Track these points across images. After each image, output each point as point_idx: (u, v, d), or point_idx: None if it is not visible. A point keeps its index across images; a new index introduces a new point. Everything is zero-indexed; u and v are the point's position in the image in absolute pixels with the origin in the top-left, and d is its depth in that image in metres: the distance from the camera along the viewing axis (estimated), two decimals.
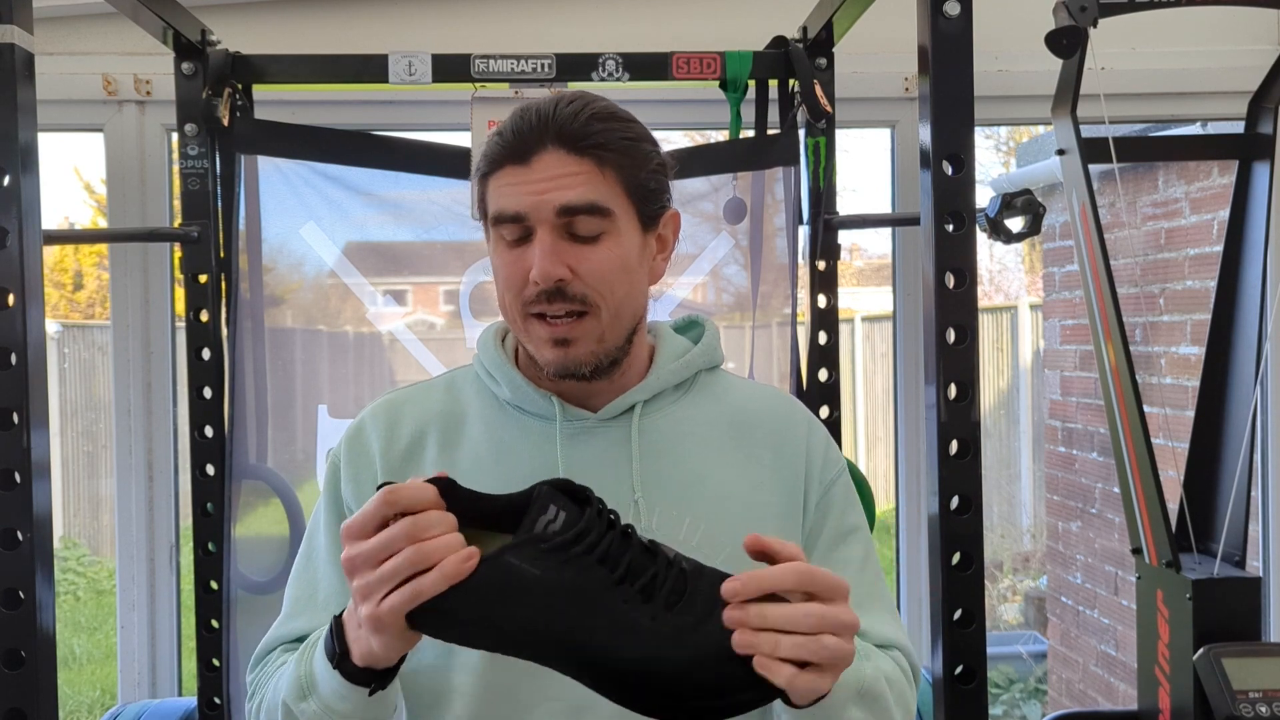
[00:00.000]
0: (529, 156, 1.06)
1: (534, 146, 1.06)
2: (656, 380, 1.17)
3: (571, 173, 1.06)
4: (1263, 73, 1.96)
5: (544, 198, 1.05)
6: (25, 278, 1.49)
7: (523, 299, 1.08)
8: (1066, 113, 1.84)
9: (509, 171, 1.07)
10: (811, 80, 2.04)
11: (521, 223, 1.07)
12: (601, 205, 1.06)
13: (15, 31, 1.47)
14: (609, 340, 1.10)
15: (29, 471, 1.48)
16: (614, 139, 1.07)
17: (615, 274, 1.08)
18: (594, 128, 1.06)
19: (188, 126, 2.06)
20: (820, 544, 1.20)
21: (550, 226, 1.06)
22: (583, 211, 1.06)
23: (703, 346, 1.23)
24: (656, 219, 1.14)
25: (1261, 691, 1.59)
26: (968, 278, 1.55)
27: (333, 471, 1.18)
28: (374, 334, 2.19)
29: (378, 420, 1.18)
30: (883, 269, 10.07)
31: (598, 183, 1.06)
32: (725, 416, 1.19)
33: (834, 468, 1.23)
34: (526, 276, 1.06)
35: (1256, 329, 1.86)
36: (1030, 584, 6.35)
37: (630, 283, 1.11)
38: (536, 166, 1.06)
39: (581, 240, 1.07)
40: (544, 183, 1.05)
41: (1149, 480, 1.73)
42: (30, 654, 1.47)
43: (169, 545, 2.33)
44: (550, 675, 0.93)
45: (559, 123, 1.06)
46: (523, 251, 1.07)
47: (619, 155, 1.08)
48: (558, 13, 2.35)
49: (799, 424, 1.22)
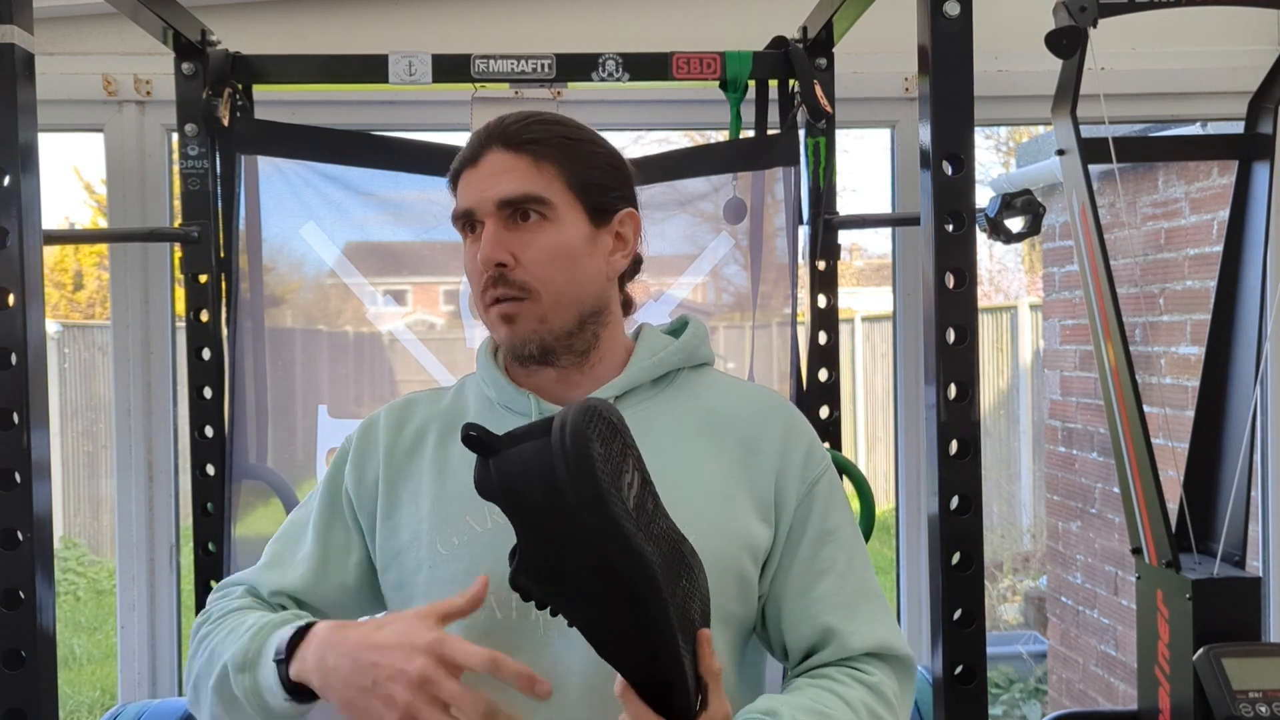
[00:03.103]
0: (478, 159, 1.20)
1: (481, 150, 1.20)
2: (629, 376, 1.23)
3: (509, 169, 1.18)
4: (1263, 73, 1.96)
5: (486, 193, 1.18)
6: (25, 278, 1.49)
7: (479, 289, 1.20)
8: (1066, 113, 1.84)
9: (466, 175, 1.21)
10: (811, 80, 2.04)
11: (471, 217, 1.20)
12: (536, 195, 1.17)
13: (15, 31, 1.47)
14: (552, 322, 1.18)
15: (29, 471, 1.48)
16: (550, 137, 1.20)
17: (554, 260, 1.18)
18: (532, 130, 1.19)
19: (188, 126, 2.06)
20: (804, 545, 1.22)
21: (494, 218, 1.18)
22: (520, 201, 1.17)
23: (680, 344, 1.27)
24: (607, 214, 1.22)
25: (1261, 691, 1.59)
26: (968, 278, 1.55)
27: (341, 455, 1.29)
28: (374, 334, 2.19)
29: (390, 418, 1.29)
30: (883, 269, 10.07)
31: (533, 176, 1.18)
32: (698, 413, 1.24)
33: (816, 467, 1.24)
34: (479, 267, 1.18)
35: (1256, 329, 1.86)
36: (1030, 584, 6.35)
37: (573, 270, 1.19)
38: (483, 166, 1.19)
39: (522, 228, 1.17)
40: (487, 179, 1.19)
41: (1149, 480, 1.73)
42: (30, 654, 1.47)
43: (169, 545, 2.33)
44: (524, 657, 1.06)
45: (502, 128, 1.20)
46: (477, 245, 1.19)
47: (556, 150, 1.19)
48: (558, 13, 2.35)
49: (776, 424, 1.25)
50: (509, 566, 1.00)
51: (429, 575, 1.18)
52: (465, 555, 1.17)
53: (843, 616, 1.19)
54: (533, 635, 1.15)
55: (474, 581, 1.11)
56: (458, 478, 1.20)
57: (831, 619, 1.19)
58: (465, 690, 1.01)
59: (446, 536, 1.18)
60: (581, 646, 1.11)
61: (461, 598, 1.09)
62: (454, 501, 1.19)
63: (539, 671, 1.10)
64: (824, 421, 2.15)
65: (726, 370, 2.17)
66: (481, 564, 1.15)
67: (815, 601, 1.20)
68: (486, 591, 1.10)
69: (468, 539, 1.17)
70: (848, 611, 1.20)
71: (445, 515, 1.19)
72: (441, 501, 1.21)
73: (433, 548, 1.19)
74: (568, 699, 1.13)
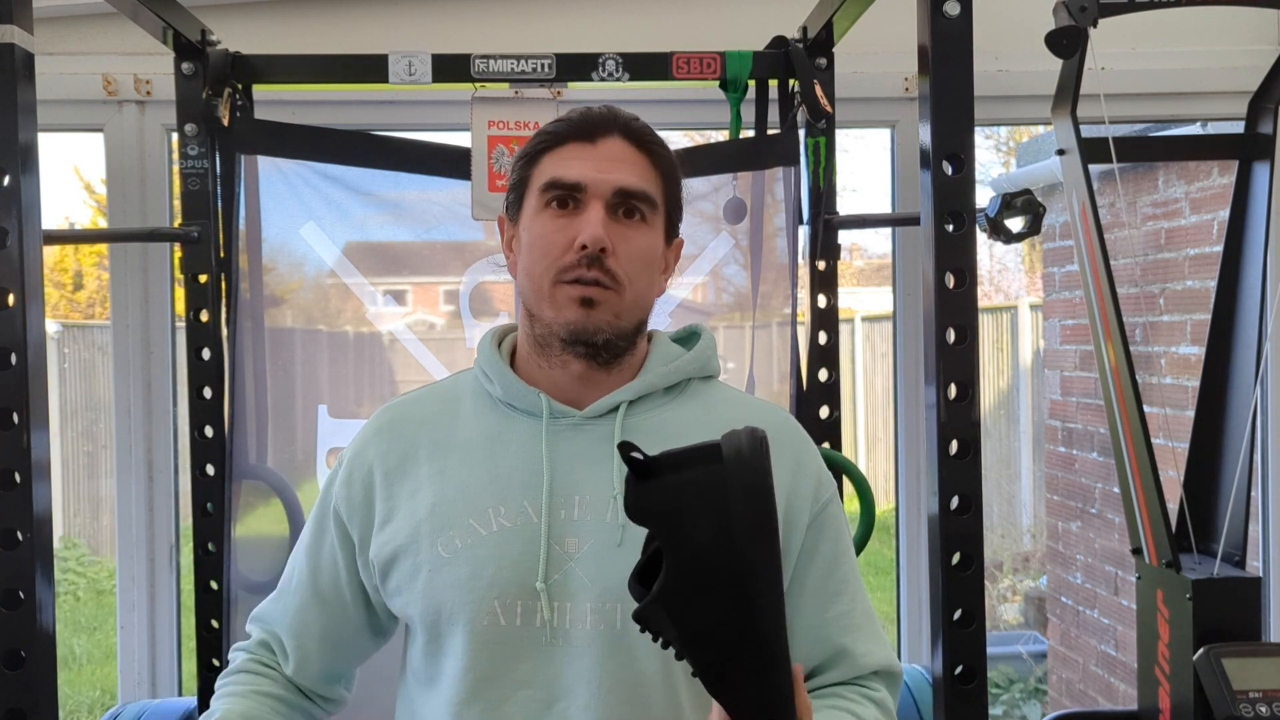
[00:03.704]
0: (595, 137, 1.17)
1: (601, 130, 1.18)
2: (643, 382, 1.21)
3: (632, 160, 1.17)
4: (1263, 73, 1.96)
5: (606, 175, 1.16)
6: (25, 278, 1.49)
7: (559, 265, 1.15)
8: (1066, 113, 1.84)
9: (573, 147, 1.18)
10: (811, 80, 2.04)
11: (577, 192, 1.16)
12: (651, 195, 1.18)
13: (15, 31, 1.47)
14: (624, 320, 1.18)
15: (29, 471, 1.48)
16: (663, 147, 1.21)
17: (645, 261, 1.18)
18: (650, 134, 1.20)
19: (188, 126, 2.06)
20: (816, 566, 1.22)
21: (604, 202, 1.15)
22: (636, 196, 1.17)
23: (694, 354, 1.26)
24: (674, 234, 1.25)
25: (1261, 691, 1.59)
26: (968, 278, 1.55)
27: (332, 475, 1.27)
28: (374, 334, 2.19)
29: (381, 435, 1.25)
30: (883, 269, 10.06)
31: (650, 177, 1.19)
32: (709, 423, 1.20)
33: (827, 490, 1.26)
34: (569, 243, 1.14)
35: (1256, 329, 1.86)
36: (1030, 584, 6.34)
37: (650, 277, 1.20)
38: (602, 147, 1.17)
39: (626, 223, 1.17)
40: (608, 162, 1.16)
41: (1149, 480, 1.73)
42: (30, 654, 1.47)
43: (169, 545, 2.33)
44: (528, 665, 1.09)
45: (624, 120, 1.19)
46: (568, 220, 1.16)
47: (665, 162, 1.21)
48: (558, 13, 2.35)
49: (790, 443, 1.24)
50: (632, 595, 0.95)
51: (428, 579, 1.16)
52: (468, 558, 1.15)
53: (855, 638, 1.21)
54: (538, 643, 1.13)
55: (476, 584, 1.13)
56: (458, 479, 1.19)
57: (845, 640, 1.21)
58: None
59: (448, 539, 1.16)
60: (589, 655, 1.12)
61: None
62: (454, 503, 1.17)
63: (543, 681, 1.11)
64: (824, 421, 2.14)
65: (726, 370, 2.18)
66: (486, 567, 1.14)
67: (829, 623, 1.21)
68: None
69: (471, 541, 1.15)
70: (858, 633, 1.22)
71: (445, 517, 1.17)
72: (441, 504, 1.18)
73: (433, 550, 1.16)
74: (572, 708, 1.12)
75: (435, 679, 1.17)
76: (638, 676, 1.12)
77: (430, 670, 1.18)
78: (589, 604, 1.12)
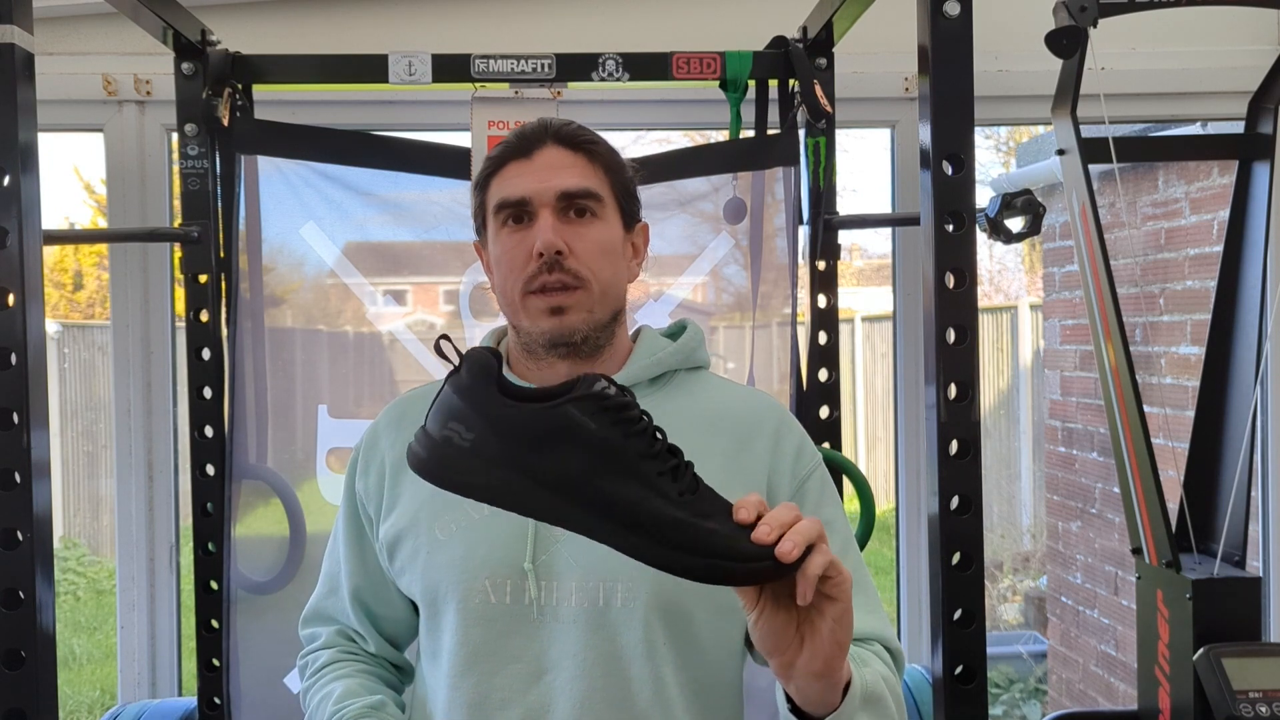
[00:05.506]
0: (531, 152, 1.24)
1: (535, 144, 1.24)
2: (627, 374, 1.27)
3: (569, 164, 1.24)
4: (1263, 73, 1.96)
5: (546, 183, 1.22)
6: (25, 278, 1.49)
7: (524, 276, 1.22)
8: (1066, 113, 1.84)
9: (514, 165, 1.24)
10: (811, 80, 2.04)
11: (525, 206, 1.22)
12: (594, 191, 1.24)
13: (15, 31, 1.47)
14: (597, 314, 1.23)
15: (29, 471, 1.48)
16: (600, 142, 1.27)
17: (604, 254, 1.24)
18: (583, 133, 1.26)
19: (188, 126, 2.06)
20: None
21: (551, 209, 1.22)
22: (579, 195, 1.23)
23: (678, 346, 1.31)
24: (634, 220, 1.30)
25: (1261, 691, 1.59)
26: (968, 278, 1.55)
27: (351, 466, 1.34)
28: (374, 334, 2.19)
29: (390, 421, 1.33)
30: (883, 269, 10.07)
31: (590, 173, 1.24)
32: (693, 412, 1.27)
33: (807, 465, 1.28)
34: (528, 255, 1.21)
35: (1256, 329, 1.86)
36: (1030, 584, 6.35)
37: (614, 267, 1.25)
38: (538, 159, 1.24)
39: (577, 222, 1.22)
40: (545, 171, 1.23)
41: (1149, 480, 1.73)
42: (30, 654, 1.47)
43: (169, 545, 2.33)
44: (517, 640, 1.15)
45: (555, 128, 1.26)
46: (525, 234, 1.22)
47: (605, 155, 1.26)
48: (558, 13, 2.35)
49: (768, 422, 1.28)
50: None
51: (427, 559, 1.23)
52: (461, 540, 1.21)
53: None
54: (526, 620, 1.19)
55: (468, 564, 1.17)
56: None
57: None
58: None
59: (445, 523, 1.22)
60: (574, 631, 1.16)
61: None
62: None
63: (531, 655, 1.17)
64: (824, 421, 2.14)
65: (727, 370, 2.18)
66: (478, 548, 1.20)
67: None
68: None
69: (465, 525, 1.21)
70: None
71: (443, 503, 1.22)
72: (439, 491, 1.22)
73: (430, 533, 1.23)
74: (558, 680, 1.16)
75: (437, 653, 1.24)
76: (620, 650, 1.17)
77: (432, 645, 1.25)
78: (574, 583, 1.18)
